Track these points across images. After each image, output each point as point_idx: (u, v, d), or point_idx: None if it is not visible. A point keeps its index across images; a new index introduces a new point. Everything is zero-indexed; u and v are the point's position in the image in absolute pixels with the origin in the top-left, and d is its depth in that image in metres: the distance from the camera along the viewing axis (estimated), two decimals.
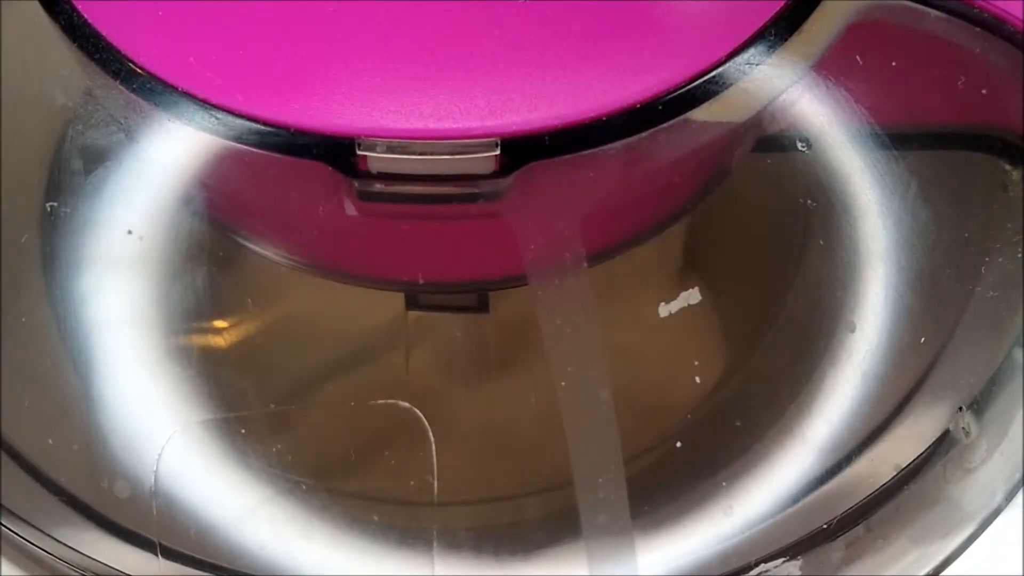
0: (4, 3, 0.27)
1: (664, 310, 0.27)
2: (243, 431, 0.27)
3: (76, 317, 0.27)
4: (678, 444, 0.29)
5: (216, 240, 0.28)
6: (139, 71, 0.22)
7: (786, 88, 0.24)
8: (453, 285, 0.29)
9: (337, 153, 0.22)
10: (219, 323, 0.29)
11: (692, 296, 0.27)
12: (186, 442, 0.27)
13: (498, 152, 0.22)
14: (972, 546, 0.26)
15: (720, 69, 0.22)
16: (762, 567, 0.26)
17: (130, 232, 0.27)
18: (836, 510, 0.27)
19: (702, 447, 0.29)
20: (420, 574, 0.27)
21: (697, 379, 0.29)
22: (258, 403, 0.28)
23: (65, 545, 0.26)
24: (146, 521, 0.26)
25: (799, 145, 0.27)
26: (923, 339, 0.28)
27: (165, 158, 0.24)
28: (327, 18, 0.22)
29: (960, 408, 0.27)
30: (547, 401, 0.26)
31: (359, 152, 0.22)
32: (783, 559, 0.26)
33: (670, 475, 0.28)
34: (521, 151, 0.22)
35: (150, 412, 0.27)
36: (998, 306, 0.28)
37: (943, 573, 0.26)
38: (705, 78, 0.22)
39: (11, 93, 0.27)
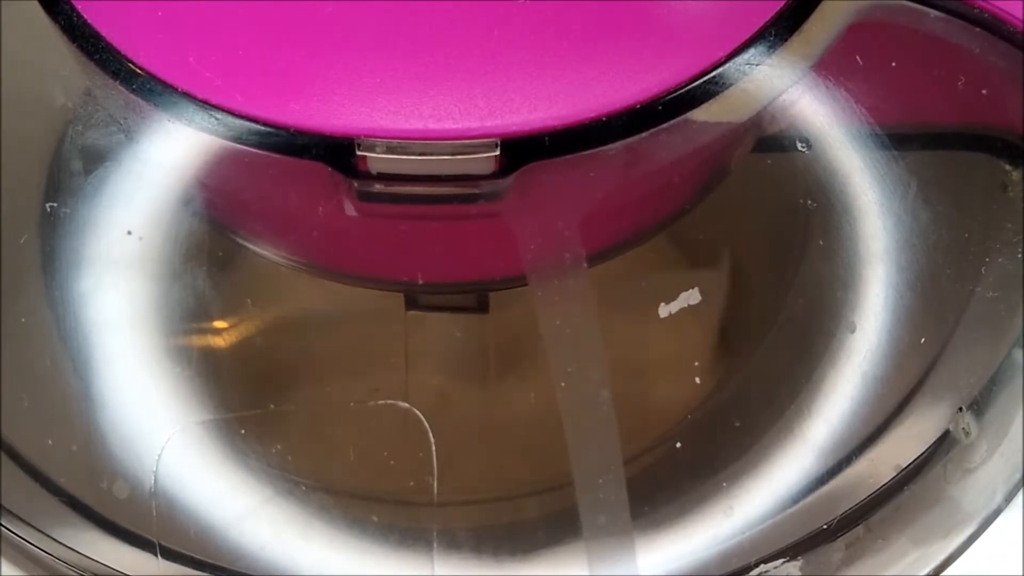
0: (4, 3, 0.27)
1: (664, 310, 0.27)
2: (242, 431, 0.27)
3: (76, 318, 0.27)
4: (678, 444, 0.29)
5: (216, 240, 0.28)
6: (139, 71, 0.22)
7: (786, 88, 0.24)
8: (453, 285, 0.29)
9: (337, 153, 0.22)
10: (219, 323, 0.29)
11: (692, 296, 0.27)
12: (186, 442, 0.27)
13: (498, 153, 0.22)
14: (972, 546, 0.26)
15: (720, 69, 0.22)
16: (762, 567, 0.26)
17: (130, 232, 0.27)
18: (836, 510, 0.27)
19: (702, 447, 0.29)
20: (420, 574, 0.27)
21: (697, 379, 0.29)
22: (258, 403, 0.28)
23: (64, 545, 0.26)
24: (146, 522, 0.26)
25: (799, 145, 0.27)
26: (923, 339, 0.28)
27: (165, 158, 0.24)
28: (327, 18, 0.22)
29: (960, 408, 0.27)
30: (547, 401, 0.26)
31: (359, 152, 0.22)
32: (783, 559, 0.26)
33: (670, 475, 0.28)
34: (521, 151, 0.22)
35: (149, 412, 0.27)
36: (998, 306, 0.28)
37: (943, 573, 0.26)
38: (705, 78, 0.22)
39: (11, 93, 0.27)
